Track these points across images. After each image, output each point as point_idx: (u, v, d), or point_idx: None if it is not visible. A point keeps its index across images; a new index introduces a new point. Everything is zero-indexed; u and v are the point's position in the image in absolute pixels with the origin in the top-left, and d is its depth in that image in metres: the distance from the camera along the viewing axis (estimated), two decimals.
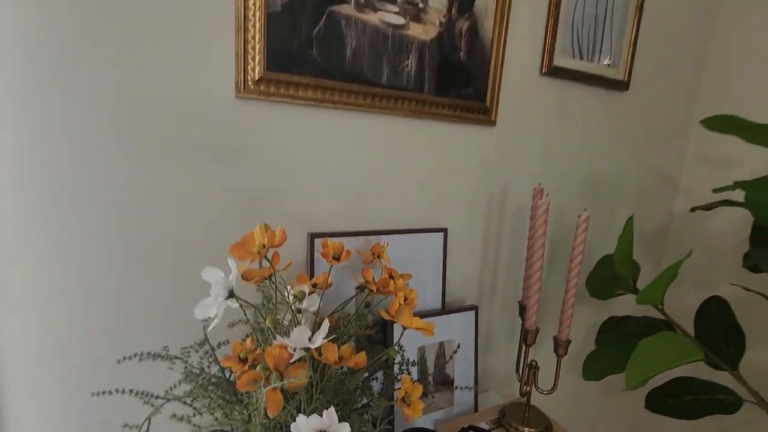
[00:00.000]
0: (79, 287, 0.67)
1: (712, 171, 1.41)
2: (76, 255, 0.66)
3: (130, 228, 0.69)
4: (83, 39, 0.61)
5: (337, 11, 0.77)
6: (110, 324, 0.70)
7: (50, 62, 0.59)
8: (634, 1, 1.16)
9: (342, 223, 0.88)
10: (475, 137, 1.01)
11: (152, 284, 0.72)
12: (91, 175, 0.65)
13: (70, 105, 0.62)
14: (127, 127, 0.66)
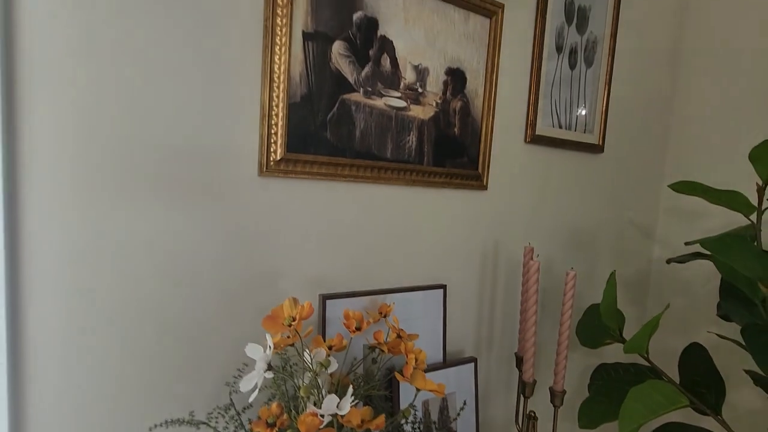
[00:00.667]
0: (107, 357, 0.71)
1: (684, 222, 1.54)
2: (103, 322, 0.71)
3: (155, 296, 0.74)
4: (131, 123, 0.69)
5: (348, 99, 0.88)
6: (136, 388, 0.74)
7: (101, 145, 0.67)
8: (603, 77, 1.32)
9: (350, 282, 0.95)
10: (470, 200, 1.11)
11: (176, 350, 0.77)
12: (129, 242, 0.71)
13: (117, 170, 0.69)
14: (165, 200, 0.73)
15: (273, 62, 0.78)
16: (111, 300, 0.70)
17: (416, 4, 0.93)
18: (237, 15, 0.76)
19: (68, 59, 0.64)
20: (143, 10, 0.68)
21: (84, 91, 0.65)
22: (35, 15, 0.61)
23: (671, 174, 1.57)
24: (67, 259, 0.66)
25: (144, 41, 0.69)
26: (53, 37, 0.63)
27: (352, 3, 0.86)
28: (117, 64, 0.67)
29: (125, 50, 0.68)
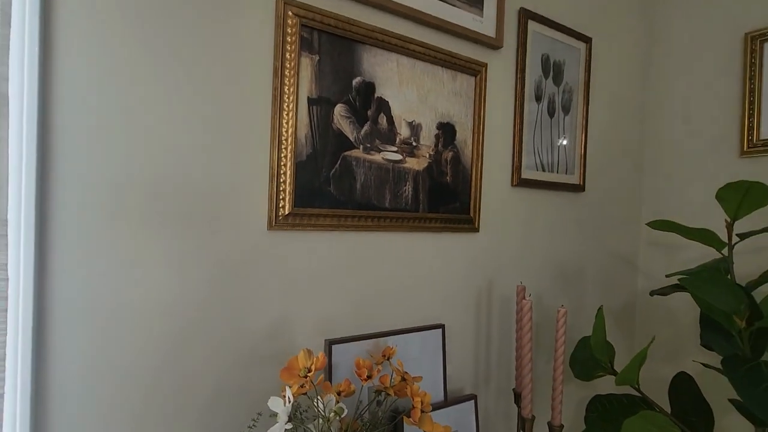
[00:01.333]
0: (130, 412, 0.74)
1: (665, 254, 1.62)
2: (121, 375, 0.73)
3: (171, 349, 0.78)
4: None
5: (349, 155, 0.95)
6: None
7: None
8: (580, 122, 1.43)
9: (354, 326, 0.99)
10: (463, 243, 1.17)
11: (193, 401, 0.79)
12: (147, 295, 0.75)
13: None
14: (180, 256, 0.78)
15: (281, 126, 0.86)
16: (130, 353, 0.74)
17: (408, 67, 1.03)
18: (248, 84, 0.84)
19: (100, 131, 0.70)
20: (166, 80, 0.75)
21: (112, 162, 0.71)
22: (70, 76, 0.68)
23: (649, 208, 1.67)
24: (89, 312, 0.70)
25: (167, 110, 0.76)
26: (86, 96, 0.69)
27: (351, 70, 0.95)
28: (141, 128, 0.74)
29: (148, 116, 0.74)
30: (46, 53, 0.66)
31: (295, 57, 0.86)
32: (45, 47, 0.65)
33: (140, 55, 0.73)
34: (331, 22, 0.90)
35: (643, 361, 1.04)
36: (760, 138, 1.36)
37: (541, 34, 1.30)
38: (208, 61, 0.80)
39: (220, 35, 0.81)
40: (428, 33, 1.07)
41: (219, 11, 0.81)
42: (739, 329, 0.95)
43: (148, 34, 0.74)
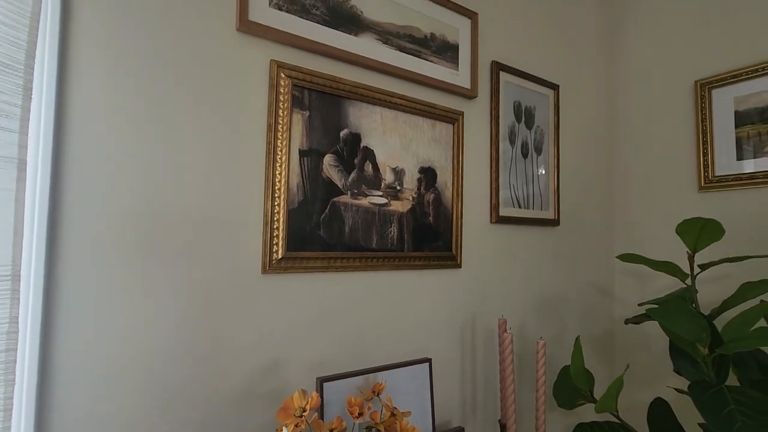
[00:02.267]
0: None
1: (639, 282, 1.71)
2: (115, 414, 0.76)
3: (172, 389, 0.81)
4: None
5: (338, 201, 1.02)
6: None
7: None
8: (553, 162, 1.54)
9: (344, 363, 1.03)
10: (447, 279, 1.24)
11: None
12: (148, 335, 0.79)
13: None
14: (177, 301, 0.82)
15: (275, 177, 0.93)
16: (131, 394, 0.77)
17: (391, 118, 1.12)
18: (245, 139, 0.91)
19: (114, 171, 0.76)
20: (173, 136, 0.82)
21: (117, 210, 0.77)
22: (86, 121, 0.74)
23: (621, 240, 1.77)
24: (92, 351, 0.73)
25: (173, 165, 0.82)
26: (101, 141, 0.75)
27: (339, 123, 1.03)
28: (150, 181, 0.80)
29: (156, 170, 0.80)
30: (59, 123, 0.72)
31: (287, 114, 0.94)
32: (59, 117, 0.72)
33: (147, 113, 0.80)
34: (320, 81, 0.99)
35: (619, 388, 1.10)
36: (714, 175, 1.49)
37: (513, 84, 1.42)
38: (210, 119, 0.87)
39: (221, 95, 0.89)
40: (409, 86, 1.17)
41: (220, 74, 0.89)
42: (703, 356, 1.02)
43: (156, 96, 0.81)
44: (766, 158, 1.37)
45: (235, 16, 0.90)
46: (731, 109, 1.45)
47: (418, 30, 1.18)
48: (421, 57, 1.18)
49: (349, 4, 1.05)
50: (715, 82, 1.49)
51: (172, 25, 0.84)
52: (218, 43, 0.89)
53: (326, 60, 1.02)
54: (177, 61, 0.84)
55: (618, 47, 1.81)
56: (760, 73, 1.38)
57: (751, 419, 0.86)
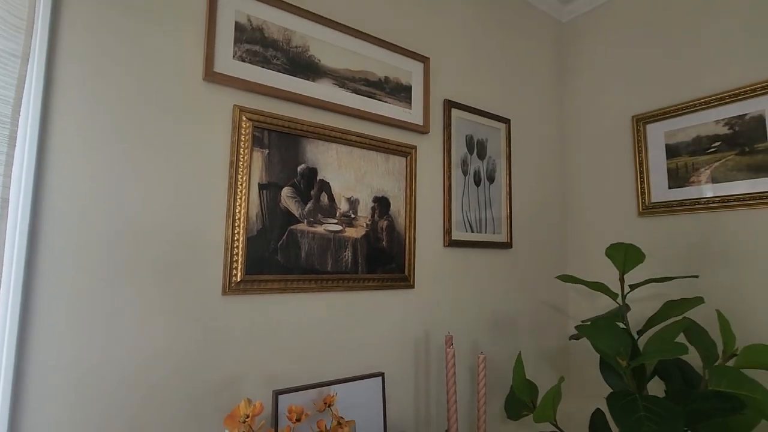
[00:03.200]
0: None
1: (589, 300, 1.83)
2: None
3: (134, 403, 0.90)
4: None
5: (295, 228, 1.14)
6: None
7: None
8: (505, 189, 1.67)
9: (301, 377, 1.13)
10: (400, 298, 1.34)
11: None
12: (112, 358, 0.88)
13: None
14: (143, 322, 0.92)
15: (235, 208, 1.04)
16: (99, 409, 0.86)
17: (346, 154, 1.25)
18: (209, 175, 1.03)
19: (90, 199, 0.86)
20: (145, 176, 0.94)
21: (94, 240, 0.87)
22: (64, 157, 0.85)
23: (573, 261, 1.89)
24: (66, 372, 0.83)
25: (143, 199, 0.93)
26: (77, 178, 0.86)
27: (296, 159, 1.15)
28: (122, 214, 0.90)
29: (127, 203, 0.91)
30: (39, 164, 0.83)
31: (248, 152, 1.06)
32: (40, 159, 0.83)
33: (120, 153, 0.92)
34: (279, 122, 1.12)
35: (556, 399, 1.20)
36: (651, 201, 1.63)
37: (464, 119, 1.57)
38: (177, 157, 0.99)
39: (189, 136, 1.00)
40: (365, 124, 1.30)
41: (188, 118, 1.01)
42: (623, 368, 1.13)
43: (129, 138, 0.93)
44: (691, 187, 1.52)
45: (202, 68, 1.03)
46: (662, 142, 1.61)
47: (372, 74, 1.32)
48: (376, 98, 1.32)
49: (307, 54, 1.19)
50: (648, 117, 1.65)
51: (145, 76, 0.96)
52: (186, 90, 1.01)
53: (286, 103, 1.15)
54: (149, 107, 0.96)
55: (566, 83, 1.98)
56: (685, 111, 1.54)
57: (656, 424, 0.97)
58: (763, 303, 1.35)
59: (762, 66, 1.38)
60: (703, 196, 1.48)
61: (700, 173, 1.50)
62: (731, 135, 1.43)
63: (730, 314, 1.41)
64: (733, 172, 1.42)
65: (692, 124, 1.53)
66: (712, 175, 1.47)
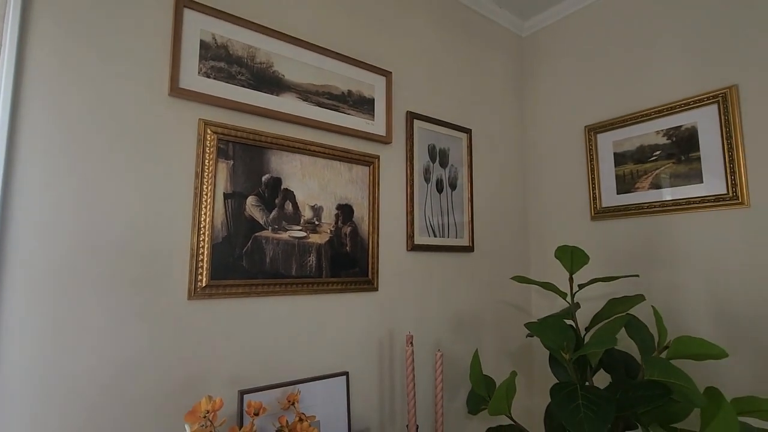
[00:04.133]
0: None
1: (549, 300, 1.93)
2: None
3: (102, 403, 0.94)
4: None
5: (260, 235, 1.19)
6: None
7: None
8: (467, 196, 1.76)
9: (267, 378, 1.18)
10: (364, 300, 1.41)
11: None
12: (83, 358, 0.92)
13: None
14: (113, 324, 0.96)
15: (200, 216, 1.09)
16: (64, 411, 0.90)
17: (310, 164, 1.31)
18: (175, 185, 1.08)
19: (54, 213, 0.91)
20: (115, 185, 0.98)
21: (61, 245, 0.92)
22: (32, 175, 0.89)
23: (535, 263, 2.00)
24: (30, 381, 0.87)
25: (110, 208, 0.98)
26: (46, 189, 0.90)
27: (261, 169, 1.21)
28: (89, 218, 0.95)
29: (96, 213, 0.96)
30: (7, 179, 0.88)
31: (212, 163, 1.12)
32: (6, 176, 0.88)
33: (89, 166, 0.97)
34: (244, 135, 1.18)
35: (509, 392, 1.28)
36: (602, 206, 1.74)
37: (427, 129, 1.65)
38: (144, 169, 1.04)
39: (155, 149, 1.06)
40: (329, 136, 1.37)
41: (154, 131, 1.06)
42: (566, 361, 1.23)
43: (96, 151, 0.98)
44: (636, 193, 1.64)
45: (168, 84, 1.08)
46: (611, 151, 1.72)
47: (336, 88, 1.39)
48: (339, 110, 1.39)
49: (271, 70, 1.26)
50: (599, 127, 1.76)
51: (112, 91, 1.01)
52: (152, 105, 1.07)
53: (251, 116, 1.21)
54: (115, 122, 1.01)
55: (526, 95, 2.09)
56: (630, 123, 1.66)
57: (592, 411, 1.06)
58: (695, 298, 1.47)
59: (695, 81, 1.51)
60: (646, 201, 1.60)
61: (644, 180, 1.62)
62: (669, 145, 1.55)
63: (668, 309, 1.53)
64: (670, 179, 1.54)
65: (636, 134, 1.65)
66: (653, 182, 1.59)
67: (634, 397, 1.14)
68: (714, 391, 1.08)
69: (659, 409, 1.24)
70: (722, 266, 1.42)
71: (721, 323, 1.41)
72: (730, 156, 1.39)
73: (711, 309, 1.44)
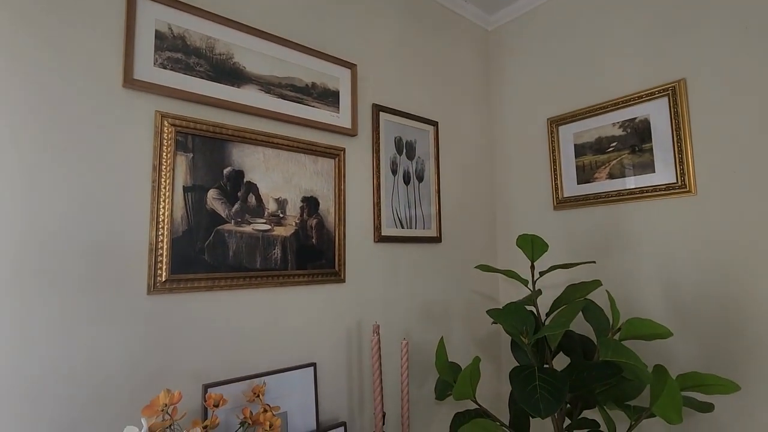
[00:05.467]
0: None
1: (516, 288, 1.98)
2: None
3: (61, 398, 0.93)
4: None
5: (222, 228, 1.19)
6: None
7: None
8: (434, 188, 1.79)
9: (232, 371, 1.18)
10: (332, 292, 1.42)
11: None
12: (44, 356, 0.90)
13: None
14: (72, 319, 0.94)
15: (159, 210, 1.08)
16: (22, 414, 0.88)
17: (273, 156, 1.31)
18: (132, 178, 1.06)
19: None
20: (68, 178, 0.96)
21: (12, 240, 0.89)
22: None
23: (501, 252, 2.05)
24: None
25: (66, 198, 0.95)
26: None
27: (222, 162, 1.20)
28: (45, 210, 0.92)
29: (50, 208, 0.93)
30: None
31: (170, 156, 1.10)
32: None
33: (41, 161, 0.94)
34: (203, 127, 1.16)
35: (473, 377, 1.32)
36: (564, 196, 1.80)
37: (393, 122, 1.67)
38: (98, 162, 1.01)
39: (110, 142, 1.03)
40: (293, 128, 1.37)
41: (108, 124, 1.04)
42: (525, 344, 1.27)
43: (49, 146, 0.95)
44: (595, 183, 1.70)
45: (121, 75, 1.06)
46: (572, 142, 1.78)
47: (299, 80, 1.39)
48: (303, 103, 1.39)
49: (231, 61, 1.24)
50: (560, 120, 1.81)
51: (62, 84, 0.98)
52: (106, 97, 1.04)
53: (211, 109, 1.20)
54: (67, 115, 0.98)
55: (492, 88, 2.13)
56: (588, 115, 1.72)
57: (547, 392, 1.10)
58: (648, 282, 1.54)
59: (648, 75, 1.57)
60: (604, 191, 1.66)
61: (602, 170, 1.68)
62: (625, 136, 1.61)
63: (624, 294, 1.60)
64: (626, 169, 1.61)
65: (595, 126, 1.71)
66: (610, 172, 1.65)
67: (588, 377, 1.19)
68: (660, 369, 1.14)
69: (614, 388, 1.31)
70: (672, 251, 1.49)
71: (670, 305, 1.49)
72: (679, 146, 1.46)
73: (661, 292, 1.51)
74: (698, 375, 1.16)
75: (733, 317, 1.36)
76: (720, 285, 1.39)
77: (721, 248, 1.39)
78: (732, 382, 1.10)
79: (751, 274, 1.33)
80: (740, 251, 1.35)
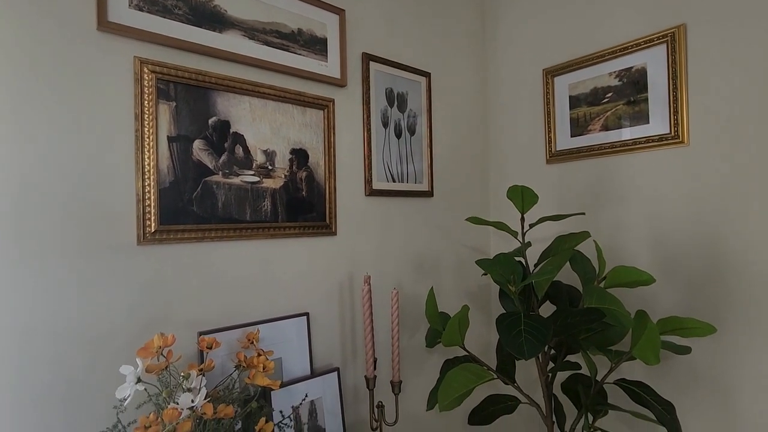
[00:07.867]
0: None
1: (507, 241, 2.01)
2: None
3: (56, 349, 0.95)
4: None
5: (210, 180, 1.18)
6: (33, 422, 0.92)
7: None
8: (426, 141, 1.76)
9: (226, 320, 1.21)
10: (323, 245, 1.44)
11: (71, 388, 0.97)
12: (38, 306, 0.92)
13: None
14: (64, 271, 0.95)
15: (144, 160, 1.06)
16: (14, 366, 0.90)
17: (260, 107, 1.28)
18: (114, 127, 1.04)
19: None
20: (48, 125, 0.94)
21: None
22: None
23: (493, 206, 2.06)
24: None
25: (47, 148, 0.94)
26: None
27: (207, 112, 1.17)
28: (25, 161, 0.91)
29: (28, 162, 0.92)
30: None
31: (152, 105, 1.07)
32: None
33: (13, 111, 0.91)
34: (186, 74, 1.12)
35: (462, 324, 1.36)
36: (557, 149, 1.78)
37: (384, 72, 1.62)
38: (77, 112, 0.99)
39: (87, 90, 1.00)
40: (279, 77, 1.33)
41: (84, 71, 1.00)
42: (513, 292, 1.31)
43: (22, 94, 0.92)
44: (589, 135, 1.68)
45: (95, 17, 1.01)
46: (566, 94, 1.74)
47: (285, 26, 1.33)
48: (289, 50, 1.34)
49: (212, 4, 1.18)
50: (555, 70, 1.77)
51: (33, 28, 0.94)
52: (79, 41, 0.99)
53: (192, 55, 1.15)
54: (40, 62, 0.94)
55: (486, 38, 2.06)
56: (584, 65, 1.67)
57: (532, 336, 1.14)
58: (637, 233, 1.57)
59: (644, 21, 1.52)
60: (597, 143, 1.64)
61: (596, 122, 1.66)
62: (620, 86, 1.58)
63: (613, 244, 1.62)
64: (620, 120, 1.58)
65: (590, 76, 1.66)
66: (604, 124, 1.63)
67: (572, 322, 1.23)
68: (641, 314, 1.18)
69: (598, 333, 1.35)
70: (662, 202, 1.50)
71: (657, 255, 1.52)
72: (675, 96, 1.43)
73: (650, 242, 1.54)
74: (677, 319, 1.20)
75: (716, 265, 1.39)
76: (705, 235, 1.41)
77: (709, 199, 1.40)
78: (709, 324, 1.14)
79: (735, 224, 1.34)
80: (728, 202, 1.36)
